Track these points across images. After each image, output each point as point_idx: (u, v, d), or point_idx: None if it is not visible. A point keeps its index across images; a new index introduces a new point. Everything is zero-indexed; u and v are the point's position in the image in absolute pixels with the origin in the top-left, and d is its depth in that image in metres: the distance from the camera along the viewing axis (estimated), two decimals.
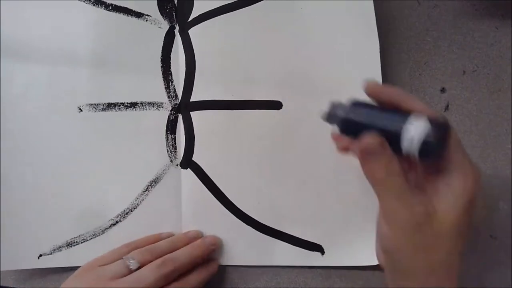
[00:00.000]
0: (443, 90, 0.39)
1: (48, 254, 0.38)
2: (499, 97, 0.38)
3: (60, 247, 0.38)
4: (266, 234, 0.38)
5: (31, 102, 0.39)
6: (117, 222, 0.39)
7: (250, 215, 0.38)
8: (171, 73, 0.39)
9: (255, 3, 0.38)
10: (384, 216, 0.28)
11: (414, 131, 0.26)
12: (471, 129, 0.38)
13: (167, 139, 0.39)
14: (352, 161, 0.34)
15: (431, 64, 0.39)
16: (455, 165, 0.27)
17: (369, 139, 0.27)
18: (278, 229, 0.38)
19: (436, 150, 0.25)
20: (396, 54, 0.39)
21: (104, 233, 0.39)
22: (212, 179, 0.39)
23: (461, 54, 0.39)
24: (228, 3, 0.38)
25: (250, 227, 0.38)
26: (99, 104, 0.39)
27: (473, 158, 0.38)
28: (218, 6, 0.38)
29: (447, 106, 0.39)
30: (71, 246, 0.38)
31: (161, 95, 0.39)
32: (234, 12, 0.38)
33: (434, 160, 0.27)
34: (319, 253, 0.38)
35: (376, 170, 0.27)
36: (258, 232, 0.38)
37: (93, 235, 0.39)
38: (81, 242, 0.39)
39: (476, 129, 0.38)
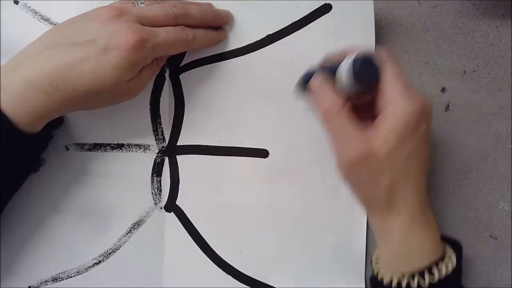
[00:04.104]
0: (443, 90, 0.39)
1: (35, 287, 0.41)
2: (499, 97, 0.39)
3: (46, 281, 0.41)
4: (246, 285, 0.40)
5: None
6: (100, 261, 0.41)
7: (231, 264, 0.40)
8: (160, 116, 0.40)
9: (245, 54, 0.39)
10: (333, 153, 0.32)
11: (345, 63, 0.31)
12: (471, 129, 0.39)
13: (153, 182, 0.40)
14: (338, 210, 0.39)
15: (431, 64, 0.40)
16: (390, 100, 0.30)
17: (314, 79, 0.33)
18: (258, 279, 0.40)
19: (361, 76, 0.30)
20: (396, 54, 0.40)
21: (87, 271, 0.41)
22: (194, 225, 0.40)
23: (462, 54, 0.39)
24: (220, 53, 0.39)
25: (231, 277, 0.40)
26: (86, 144, 0.40)
27: (473, 158, 0.39)
28: (210, 54, 0.39)
29: (448, 106, 0.39)
30: (56, 281, 0.41)
31: (148, 137, 0.40)
32: (225, 61, 0.39)
33: (367, 90, 0.31)
34: None
35: (321, 102, 0.32)
36: (238, 283, 0.40)
37: (77, 272, 0.41)
38: (66, 278, 0.41)
39: (476, 129, 0.39)
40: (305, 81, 0.34)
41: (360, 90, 0.31)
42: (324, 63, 0.35)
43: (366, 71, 0.30)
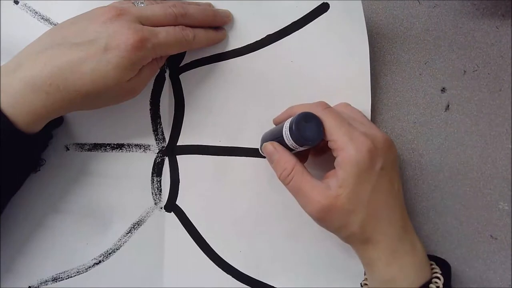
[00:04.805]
0: (443, 90, 0.39)
1: (35, 287, 0.41)
2: (499, 97, 0.39)
3: (46, 281, 0.41)
4: (247, 285, 0.40)
5: None
6: (100, 261, 0.41)
7: (231, 264, 0.40)
8: (160, 116, 0.40)
9: (245, 54, 0.39)
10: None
11: (285, 127, 0.32)
12: (471, 129, 0.39)
13: (153, 182, 0.41)
14: None
15: (431, 64, 0.40)
16: (339, 146, 0.31)
17: (266, 144, 0.35)
18: (259, 279, 0.40)
19: (300, 138, 0.31)
20: (396, 54, 0.40)
21: (87, 271, 0.41)
22: (194, 225, 0.41)
23: (462, 54, 0.39)
24: (220, 53, 0.39)
25: (231, 277, 0.41)
26: (86, 144, 0.40)
27: (473, 158, 0.39)
28: (210, 54, 0.39)
29: (448, 106, 0.39)
30: (56, 281, 0.41)
31: (148, 137, 0.40)
32: (225, 61, 0.39)
33: (312, 145, 0.32)
34: None
35: (275, 168, 0.34)
36: (238, 282, 0.40)
37: (77, 272, 0.41)
38: (66, 278, 0.41)
39: (476, 129, 0.39)
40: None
41: (306, 147, 0.33)
42: (275, 122, 0.38)
43: (305, 131, 0.31)
